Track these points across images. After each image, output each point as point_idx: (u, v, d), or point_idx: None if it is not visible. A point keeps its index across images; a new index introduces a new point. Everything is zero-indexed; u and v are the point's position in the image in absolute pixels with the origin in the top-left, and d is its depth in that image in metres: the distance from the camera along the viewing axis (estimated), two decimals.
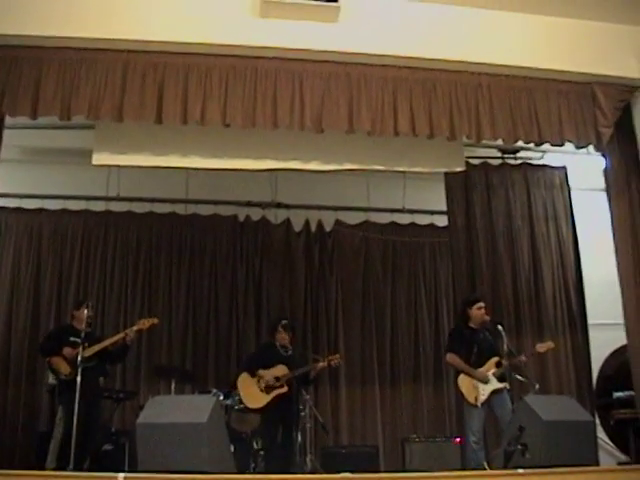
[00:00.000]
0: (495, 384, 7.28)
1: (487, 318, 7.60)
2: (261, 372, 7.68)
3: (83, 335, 6.96)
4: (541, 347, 7.66)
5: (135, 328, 7.56)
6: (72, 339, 7.15)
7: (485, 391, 7.24)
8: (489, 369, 7.34)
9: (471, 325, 7.62)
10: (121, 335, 7.52)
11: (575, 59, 7.10)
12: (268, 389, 7.60)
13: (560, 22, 7.16)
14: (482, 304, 7.68)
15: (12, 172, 9.01)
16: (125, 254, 9.66)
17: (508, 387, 7.32)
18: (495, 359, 7.35)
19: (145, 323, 7.64)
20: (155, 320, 7.75)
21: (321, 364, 7.78)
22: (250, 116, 6.54)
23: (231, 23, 6.62)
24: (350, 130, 6.73)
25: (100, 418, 7.55)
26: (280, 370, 7.66)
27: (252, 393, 7.65)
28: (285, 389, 7.56)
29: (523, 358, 7.44)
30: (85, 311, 7.29)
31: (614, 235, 7.38)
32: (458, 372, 7.45)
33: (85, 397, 6.71)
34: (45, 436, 7.47)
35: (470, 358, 7.39)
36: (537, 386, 7.20)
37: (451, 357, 7.54)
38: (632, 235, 7.23)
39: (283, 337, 7.88)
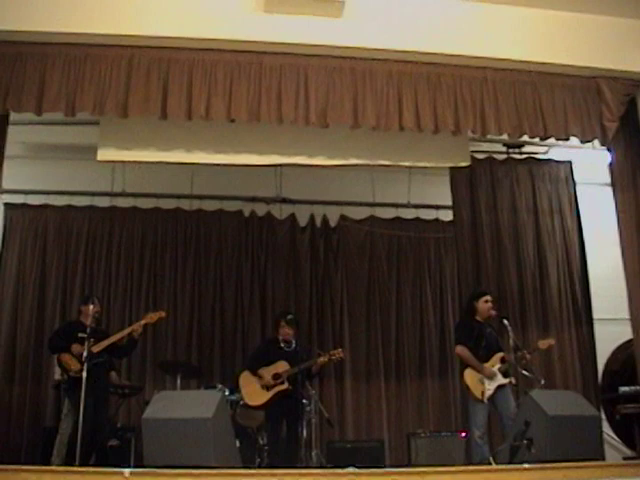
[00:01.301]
0: (500, 379, 7.29)
1: (493, 312, 7.60)
2: (261, 371, 7.66)
3: (89, 331, 6.93)
4: (543, 343, 7.67)
5: (143, 322, 7.55)
6: (80, 335, 7.08)
7: (491, 386, 7.25)
8: (494, 364, 7.34)
9: (477, 319, 7.63)
10: (129, 329, 7.52)
11: (580, 53, 7.08)
12: (268, 386, 7.58)
13: (565, 16, 7.14)
14: (489, 297, 7.69)
15: (17, 168, 8.98)
16: (130, 250, 9.68)
17: (514, 382, 7.32)
18: (500, 354, 7.35)
19: (153, 317, 7.63)
20: (162, 313, 7.74)
21: (322, 359, 7.73)
22: (255, 111, 6.53)
23: (235, 18, 6.61)
24: (355, 125, 6.72)
25: (107, 414, 7.55)
26: (280, 366, 7.63)
27: (253, 391, 7.62)
28: (285, 386, 7.54)
29: (527, 355, 7.44)
30: (91, 306, 7.29)
31: (619, 229, 7.36)
32: (464, 366, 7.46)
33: (93, 393, 6.71)
34: (51, 432, 7.49)
35: (478, 352, 7.40)
36: (542, 381, 7.19)
37: (461, 349, 7.51)
38: (637, 229, 7.21)
39: (286, 332, 7.84)
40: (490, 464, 6.44)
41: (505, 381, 7.27)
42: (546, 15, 7.12)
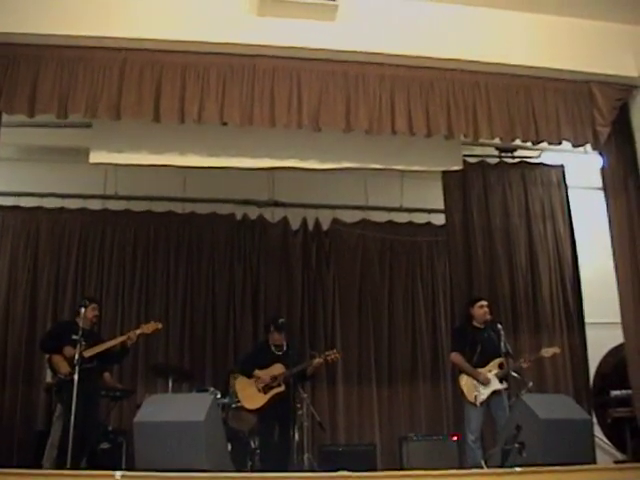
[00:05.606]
0: (496, 385, 7.30)
1: (489, 317, 7.63)
2: (257, 372, 7.68)
3: (81, 334, 6.87)
4: (547, 352, 7.69)
5: (138, 332, 7.50)
6: (74, 337, 6.99)
7: (485, 391, 7.28)
8: (492, 369, 7.36)
9: (475, 324, 7.66)
10: (123, 338, 7.45)
11: (573, 58, 7.11)
12: (266, 389, 7.60)
13: (558, 21, 7.17)
14: (484, 302, 7.74)
15: (9, 170, 9.06)
16: (122, 252, 9.65)
17: (506, 387, 7.35)
18: (499, 360, 7.35)
19: (149, 327, 7.58)
20: (159, 325, 7.68)
21: (317, 360, 7.79)
22: (248, 114, 6.54)
23: (229, 21, 6.62)
24: (348, 128, 6.73)
25: (98, 417, 7.52)
26: (277, 369, 7.67)
27: (250, 394, 7.65)
28: (282, 388, 7.57)
29: (524, 364, 7.47)
30: (82, 310, 7.21)
31: (611, 234, 7.39)
32: (460, 371, 7.49)
33: (84, 396, 6.66)
34: (43, 435, 7.47)
35: (473, 357, 7.43)
36: (530, 384, 7.21)
37: (455, 357, 7.61)
38: (629, 234, 7.24)
39: (276, 338, 7.90)
40: (482, 468, 6.46)
41: (501, 387, 7.29)
42: (538, 20, 7.15)
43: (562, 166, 9.34)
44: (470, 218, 8.88)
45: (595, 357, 9.04)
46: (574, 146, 7.23)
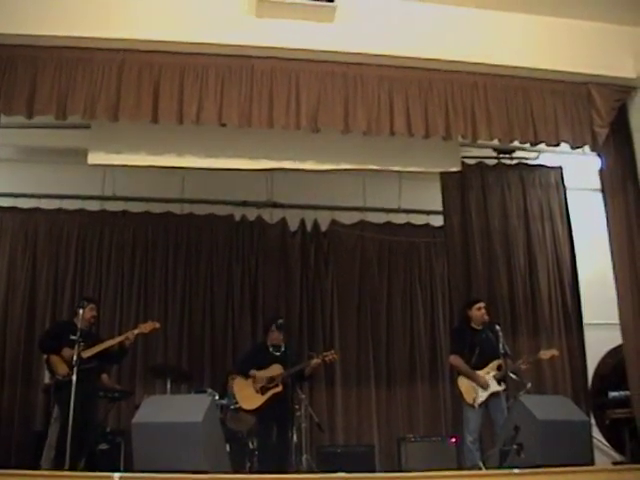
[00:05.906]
0: (494, 386, 7.30)
1: (487, 318, 7.64)
2: (253, 372, 7.69)
3: (79, 334, 6.85)
4: (545, 354, 7.69)
5: (136, 331, 7.48)
6: (73, 337, 6.96)
7: (484, 392, 7.27)
8: (490, 371, 7.36)
9: (473, 325, 7.66)
10: (121, 338, 7.45)
11: (571, 59, 7.11)
12: (263, 389, 7.60)
13: (556, 22, 7.17)
14: (482, 304, 7.73)
15: (7, 171, 9.07)
16: (121, 253, 9.64)
17: (504, 388, 7.35)
18: (497, 362, 7.35)
19: (147, 327, 7.56)
20: (157, 324, 7.67)
21: (315, 360, 7.79)
22: (246, 115, 6.53)
23: (227, 23, 6.61)
24: (346, 130, 6.72)
25: (96, 418, 7.51)
26: (274, 370, 7.66)
27: (247, 395, 7.65)
28: (280, 388, 7.57)
29: (523, 365, 7.47)
30: (80, 311, 7.21)
31: (610, 235, 7.39)
32: (459, 373, 7.49)
33: (82, 397, 6.65)
34: (41, 436, 7.46)
35: (472, 359, 7.43)
36: (529, 385, 7.21)
37: (454, 359, 7.60)
38: (628, 235, 7.24)
39: (275, 337, 7.90)
40: (480, 469, 6.46)
41: (499, 389, 7.29)
42: (537, 21, 7.15)
43: (560, 167, 9.35)
44: (468, 219, 8.88)
45: (594, 358, 9.05)
46: (572, 147, 7.23)
